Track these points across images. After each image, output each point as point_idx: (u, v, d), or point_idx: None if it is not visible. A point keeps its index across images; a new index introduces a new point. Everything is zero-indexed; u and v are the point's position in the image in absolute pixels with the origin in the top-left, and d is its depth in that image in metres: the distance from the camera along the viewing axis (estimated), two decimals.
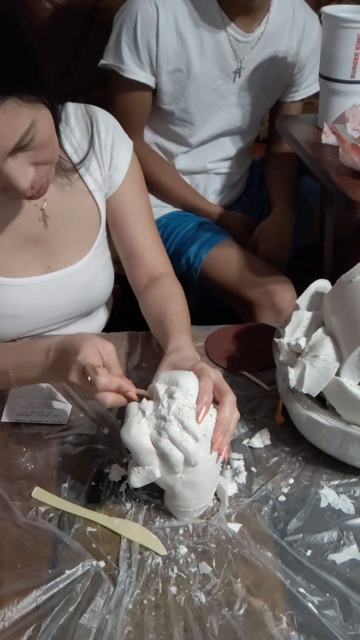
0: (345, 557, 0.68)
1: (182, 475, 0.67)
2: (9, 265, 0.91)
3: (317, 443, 0.78)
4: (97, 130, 0.93)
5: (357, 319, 0.72)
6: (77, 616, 0.62)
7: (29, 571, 0.65)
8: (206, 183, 1.59)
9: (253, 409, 0.86)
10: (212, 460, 0.68)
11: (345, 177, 1.11)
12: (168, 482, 0.68)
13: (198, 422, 0.66)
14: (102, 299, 1.04)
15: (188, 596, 0.64)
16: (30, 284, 0.93)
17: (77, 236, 0.95)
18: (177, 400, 0.66)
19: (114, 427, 0.82)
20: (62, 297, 0.97)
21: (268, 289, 1.36)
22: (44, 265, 0.94)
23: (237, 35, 1.36)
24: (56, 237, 0.93)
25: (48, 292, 0.95)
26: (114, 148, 0.95)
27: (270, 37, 1.40)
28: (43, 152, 0.71)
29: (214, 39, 1.35)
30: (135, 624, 0.61)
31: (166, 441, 0.65)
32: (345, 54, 1.21)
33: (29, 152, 0.69)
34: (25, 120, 0.66)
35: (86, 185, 0.93)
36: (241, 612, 0.62)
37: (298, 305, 0.85)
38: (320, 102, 1.33)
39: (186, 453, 0.65)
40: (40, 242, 0.92)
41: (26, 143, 0.67)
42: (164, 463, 0.66)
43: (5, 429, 0.82)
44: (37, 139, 0.68)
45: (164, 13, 1.30)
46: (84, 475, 0.76)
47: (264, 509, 0.73)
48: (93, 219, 0.97)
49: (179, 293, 0.96)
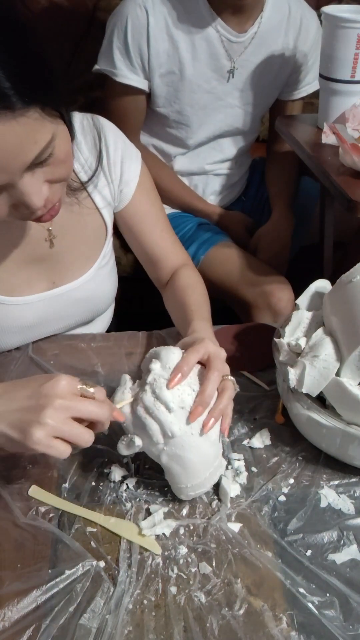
0: (345, 557, 0.68)
1: (165, 446, 0.68)
2: (13, 284, 0.89)
3: (317, 443, 0.78)
4: (106, 146, 0.91)
5: (357, 319, 0.72)
6: (77, 616, 0.62)
7: (29, 571, 0.65)
8: (205, 184, 1.59)
9: (253, 409, 0.86)
10: (196, 436, 0.68)
11: (345, 177, 1.11)
12: (153, 452, 0.70)
13: (168, 388, 0.67)
14: (107, 306, 1.05)
15: (188, 596, 0.64)
16: (34, 301, 0.92)
17: (83, 252, 0.94)
18: (154, 371, 0.69)
19: (114, 427, 0.82)
20: (67, 310, 0.96)
21: (265, 290, 1.36)
22: (48, 282, 0.93)
23: (229, 35, 1.35)
24: (62, 255, 0.91)
25: (53, 307, 0.94)
26: (124, 164, 0.93)
27: (265, 36, 1.39)
28: (59, 168, 0.68)
29: (205, 40, 1.34)
30: (135, 624, 0.61)
31: (141, 410, 0.68)
32: (345, 54, 1.21)
33: (46, 168, 0.66)
34: (46, 133, 0.63)
35: (94, 203, 0.92)
36: (241, 612, 0.62)
37: (298, 305, 0.85)
38: (320, 102, 1.33)
39: (160, 422, 0.67)
40: (45, 260, 0.90)
41: (45, 158, 0.65)
42: (143, 432, 0.68)
43: None
44: (55, 155, 0.66)
45: (153, 16, 1.29)
46: (84, 475, 0.76)
47: (264, 509, 0.73)
48: (99, 234, 0.96)
49: (198, 282, 0.98)
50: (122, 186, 0.95)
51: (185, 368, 0.69)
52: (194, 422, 0.68)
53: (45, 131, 0.63)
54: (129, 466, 0.77)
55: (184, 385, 0.69)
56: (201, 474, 0.71)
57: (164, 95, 1.39)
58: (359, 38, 1.18)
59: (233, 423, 0.84)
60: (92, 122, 0.90)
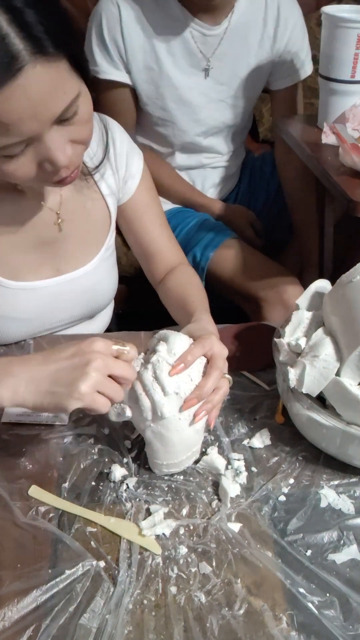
0: (345, 557, 0.68)
1: (152, 424, 0.72)
2: (20, 269, 0.91)
3: (317, 443, 0.78)
4: (112, 139, 0.96)
5: (357, 319, 0.72)
6: (77, 616, 0.62)
7: (29, 571, 0.65)
8: (203, 178, 1.60)
9: (253, 409, 0.86)
10: (184, 422, 0.72)
11: (345, 177, 1.11)
12: (140, 425, 0.74)
13: (170, 375, 0.70)
14: (107, 301, 1.07)
15: (188, 596, 0.64)
16: (39, 287, 0.93)
17: (88, 239, 0.97)
18: (159, 353, 0.72)
19: (114, 427, 0.82)
20: (70, 300, 0.98)
21: (277, 286, 1.38)
22: (53, 268, 0.94)
23: (203, 29, 1.34)
24: (68, 240, 0.94)
25: (56, 295, 0.96)
26: (129, 157, 0.98)
27: (241, 28, 1.38)
28: (82, 129, 0.72)
29: (179, 36, 1.34)
30: (135, 624, 0.61)
31: (139, 385, 0.71)
32: (345, 54, 1.21)
33: (70, 127, 0.70)
34: (74, 86, 0.67)
35: (100, 191, 0.96)
36: (241, 612, 0.62)
37: (298, 305, 0.85)
38: (320, 102, 1.33)
39: (152, 402, 0.70)
40: (52, 244, 0.92)
41: (70, 115, 0.68)
42: (135, 405, 0.71)
43: (5, 429, 0.82)
44: (79, 114, 0.69)
45: (126, 10, 1.31)
46: (84, 475, 0.76)
47: (264, 509, 0.73)
48: (104, 223, 0.98)
49: (196, 280, 1.02)
50: (126, 177, 0.99)
51: (189, 359, 0.72)
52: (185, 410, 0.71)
53: (73, 84, 0.67)
54: (129, 466, 0.77)
55: (184, 374, 0.72)
56: (179, 455, 0.74)
57: (145, 93, 1.39)
58: (359, 38, 1.18)
59: (233, 423, 0.84)
60: (98, 118, 0.94)
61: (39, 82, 0.62)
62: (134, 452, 0.79)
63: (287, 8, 1.42)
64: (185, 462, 0.76)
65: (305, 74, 1.50)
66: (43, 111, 0.65)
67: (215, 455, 0.78)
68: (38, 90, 0.63)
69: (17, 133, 0.65)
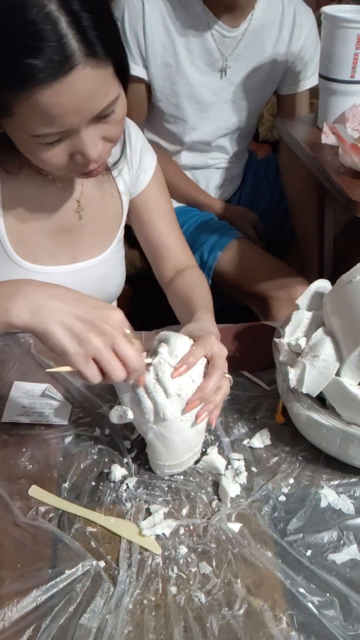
0: (345, 557, 0.68)
1: (154, 425, 0.72)
2: (39, 253, 0.94)
3: (317, 443, 0.78)
4: (129, 136, 0.99)
5: (357, 319, 0.72)
6: (77, 616, 0.62)
7: (29, 571, 0.65)
8: (207, 178, 1.60)
9: (253, 409, 0.86)
10: (186, 423, 0.72)
11: (345, 177, 1.11)
12: (141, 427, 0.74)
13: (172, 377, 0.70)
14: (116, 294, 1.10)
15: (188, 596, 0.64)
16: (56, 273, 0.96)
17: (103, 231, 1.00)
18: (160, 355, 0.71)
19: (114, 427, 0.82)
20: (82, 289, 0.98)
21: (286, 284, 1.39)
22: (70, 256, 0.97)
23: (223, 30, 1.36)
24: (85, 229, 0.97)
25: (71, 283, 0.96)
26: (142, 152, 1.01)
27: (258, 32, 1.40)
28: (115, 128, 0.76)
29: (199, 35, 1.35)
30: (135, 624, 0.61)
31: (141, 388, 0.70)
32: (345, 54, 1.21)
33: (106, 125, 0.74)
34: (115, 89, 0.72)
35: (117, 187, 0.99)
36: (241, 612, 0.62)
37: (298, 305, 0.85)
38: (320, 102, 1.33)
39: (155, 404, 0.70)
40: (70, 232, 0.96)
41: (108, 114, 0.73)
42: (137, 408, 0.71)
43: (5, 429, 0.82)
44: (115, 113, 0.74)
45: (149, 6, 1.31)
46: (84, 475, 0.76)
47: (264, 509, 0.73)
48: (117, 218, 1.02)
49: (203, 282, 1.03)
50: (139, 172, 1.01)
51: (191, 360, 0.72)
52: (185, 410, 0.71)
53: (115, 88, 0.72)
54: (129, 466, 0.77)
55: (185, 375, 0.71)
56: (181, 456, 0.74)
57: (160, 89, 1.40)
58: (358, 38, 1.18)
59: (233, 423, 0.84)
60: None
61: (87, 82, 0.67)
62: (134, 452, 0.79)
63: (302, 15, 1.44)
64: (187, 462, 0.76)
65: (314, 82, 1.51)
66: (85, 108, 0.70)
67: (215, 455, 0.78)
68: (84, 89, 0.68)
69: (59, 124, 0.70)
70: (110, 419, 0.73)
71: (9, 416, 0.84)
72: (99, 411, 0.85)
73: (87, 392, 0.88)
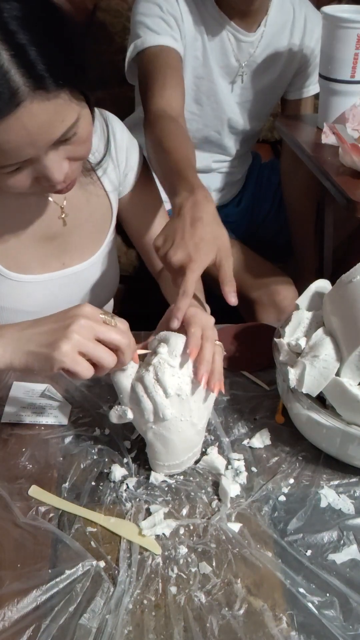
0: (345, 557, 0.68)
1: (153, 425, 0.72)
2: (27, 262, 0.93)
3: (317, 443, 0.78)
4: (113, 133, 0.97)
5: (357, 319, 0.72)
6: (77, 616, 0.62)
7: (29, 571, 0.65)
8: (209, 182, 1.60)
9: (253, 409, 0.86)
10: (186, 423, 0.72)
11: (345, 177, 1.11)
12: (141, 427, 0.74)
13: (191, 359, 0.71)
14: (110, 295, 1.10)
15: (188, 596, 0.64)
16: (46, 280, 0.95)
17: (92, 234, 0.99)
18: (160, 355, 0.71)
19: (114, 427, 0.82)
20: (74, 294, 1.00)
21: (270, 288, 1.37)
22: (59, 262, 0.97)
23: (239, 34, 1.36)
24: (72, 234, 0.96)
25: (62, 289, 0.98)
26: (129, 150, 1.00)
27: (271, 37, 1.40)
28: (80, 147, 0.74)
29: (217, 35, 1.35)
30: (135, 624, 0.61)
31: (140, 387, 0.71)
32: (345, 54, 1.20)
33: (68, 146, 0.72)
34: (73, 113, 0.69)
35: (103, 186, 0.97)
36: (241, 612, 0.62)
37: (298, 305, 0.85)
38: (320, 102, 1.33)
39: (154, 404, 0.70)
40: (57, 238, 0.95)
41: (69, 137, 0.71)
42: (137, 408, 0.72)
43: (5, 429, 0.82)
44: (78, 134, 0.72)
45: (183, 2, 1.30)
46: (84, 475, 0.76)
47: (264, 509, 0.73)
48: (106, 218, 1.01)
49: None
50: (127, 170, 1.00)
51: (196, 343, 0.72)
52: (184, 410, 0.72)
53: (72, 112, 0.69)
54: (129, 466, 0.77)
55: (184, 375, 0.71)
56: (181, 456, 0.74)
57: (187, 82, 1.35)
58: (358, 38, 1.18)
59: (233, 423, 0.84)
60: (98, 113, 0.95)
61: (37, 116, 0.65)
62: (134, 452, 0.79)
63: (313, 20, 1.44)
64: (187, 462, 0.76)
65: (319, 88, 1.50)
66: (40, 140, 0.68)
67: (215, 455, 0.78)
68: (35, 123, 0.65)
69: (15, 157, 0.68)
70: (110, 418, 0.74)
71: (9, 416, 0.84)
72: (99, 411, 0.85)
73: (87, 392, 0.88)
